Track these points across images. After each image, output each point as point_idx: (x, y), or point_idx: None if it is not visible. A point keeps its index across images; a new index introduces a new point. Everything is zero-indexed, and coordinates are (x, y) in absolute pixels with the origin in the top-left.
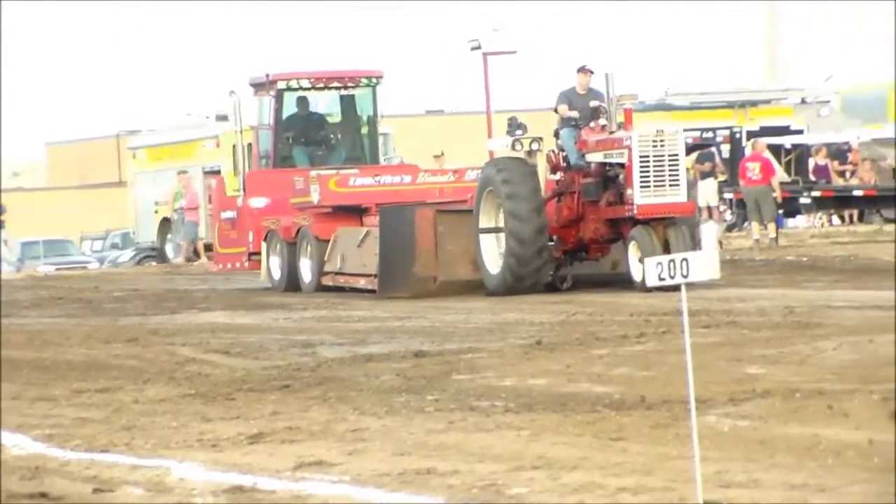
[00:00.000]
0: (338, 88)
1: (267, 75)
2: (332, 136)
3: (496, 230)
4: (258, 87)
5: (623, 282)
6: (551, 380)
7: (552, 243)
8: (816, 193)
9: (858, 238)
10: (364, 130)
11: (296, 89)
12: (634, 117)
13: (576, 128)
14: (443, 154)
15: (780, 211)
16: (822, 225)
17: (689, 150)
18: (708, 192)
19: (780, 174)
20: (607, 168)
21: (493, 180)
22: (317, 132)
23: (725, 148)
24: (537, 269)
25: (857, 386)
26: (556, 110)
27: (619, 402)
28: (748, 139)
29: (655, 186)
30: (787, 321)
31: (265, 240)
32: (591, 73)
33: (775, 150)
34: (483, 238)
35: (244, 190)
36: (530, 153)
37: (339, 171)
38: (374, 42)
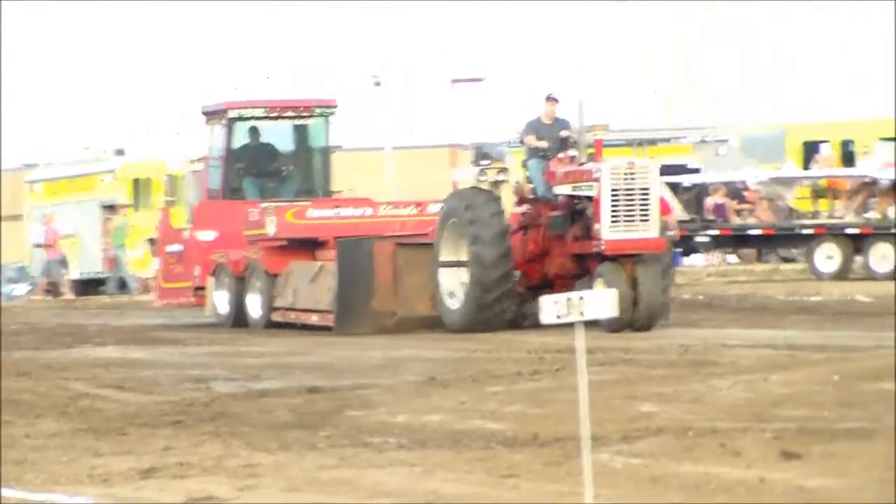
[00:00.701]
0: (291, 118)
1: (219, 104)
2: (283, 167)
3: (458, 264)
4: (210, 115)
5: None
6: (444, 416)
7: (516, 278)
8: (714, 232)
9: (755, 277)
10: (317, 162)
11: (248, 118)
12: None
13: (544, 158)
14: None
15: (678, 249)
16: (720, 263)
17: None
18: None
19: (678, 212)
20: (576, 201)
21: (457, 212)
22: (268, 163)
23: None
24: (501, 305)
25: (749, 424)
26: (522, 141)
27: (512, 439)
28: None
29: (625, 221)
30: (682, 359)
31: (212, 274)
32: (557, 101)
33: (673, 188)
34: (443, 272)
35: (191, 222)
36: (496, 184)
37: (294, 203)
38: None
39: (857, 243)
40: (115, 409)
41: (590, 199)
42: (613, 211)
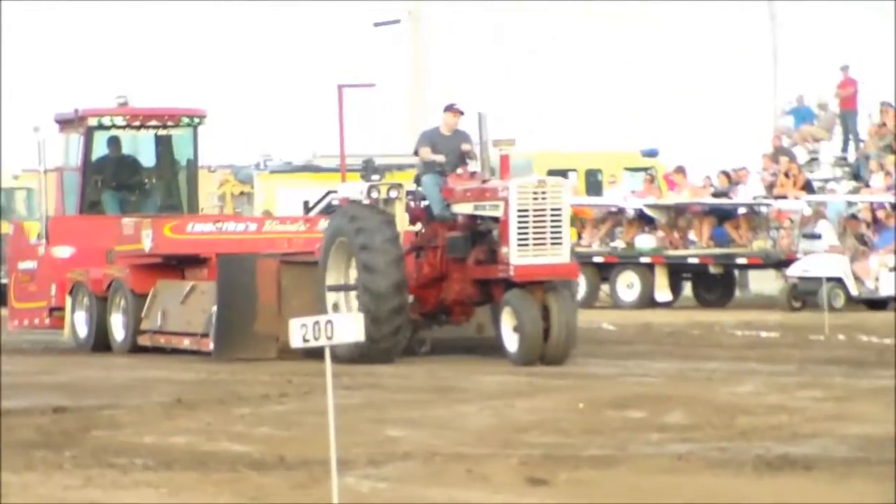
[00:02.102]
0: (155, 128)
1: (76, 111)
2: (146, 180)
3: (346, 287)
4: (64, 123)
5: (489, 348)
6: (191, 438)
7: (410, 303)
8: None
9: None
10: (182, 175)
11: (108, 127)
12: (283, 178)
13: (441, 174)
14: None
15: None
16: None
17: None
18: None
19: None
20: (478, 221)
21: (344, 230)
22: (129, 176)
23: None
24: (394, 332)
25: (496, 450)
26: (416, 153)
27: (259, 461)
28: None
29: (535, 245)
30: (429, 385)
31: (70, 293)
32: (461, 113)
33: None
34: (330, 297)
35: (46, 238)
36: (387, 201)
37: (177, 217)
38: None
39: (602, 272)
40: None
41: (495, 219)
42: (522, 233)
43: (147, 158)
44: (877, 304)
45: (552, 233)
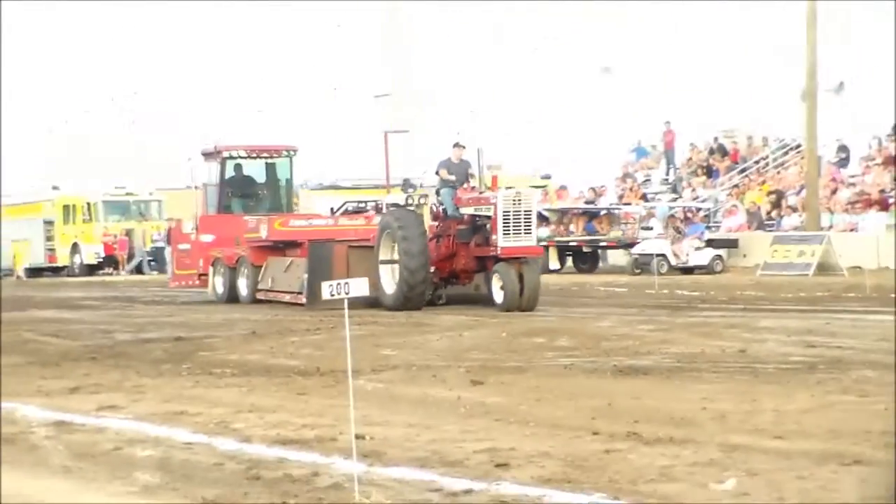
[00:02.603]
0: (265, 158)
1: (215, 147)
2: (259, 192)
3: (392, 262)
4: (207, 155)
5: (483, 298)
6: (260, 356)
7: (432, 272)
8: None
9: None
10: (282, 189)
11: (235, 157)
12: (318, 193)
13: (453, 188)
14: None
15: None
16: None
17: (351, 213)
18: None
19: None
20: (477, 219)
21: (390, 225)
22: (249, 189)
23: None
24: (421, 292)
25: (450, 363)
26: (437, 174)
27: (303, 370)
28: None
29: (514, 233)
30: (408, 322)
31: (212, 265)
32: (464, 147)
33: None
34: (382, 267)
35: (196, 229)
36: (418, 206)
37: (276, 216)
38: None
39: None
40: (54, 349)
41: (488, 217)
42: (505, 226)
43: (259, 177)
44: (687, 270)
45: (525, 226)
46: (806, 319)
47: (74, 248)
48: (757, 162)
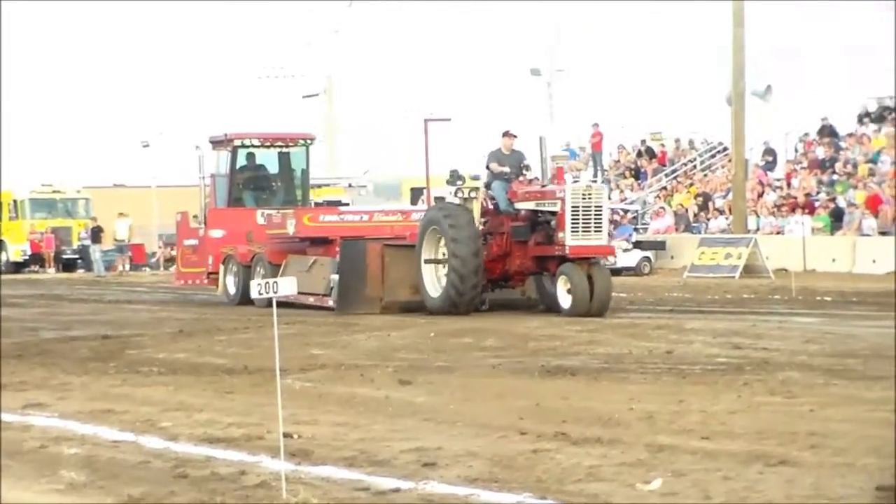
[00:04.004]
0: (279, 147)
1: (225, 135)
2: (273, 183)
3: (438, 261)
4: (216, 143)
5: (530, 306)
6: (189, 354)
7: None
8: None
9: None
10: (298, 180)
11: (248, 146)
12: None
13: (506, 181)
14: None
15: None
16: None
17: None
18: None
19: None
20: (538, 214)
21: (438, 221)
22: (262, 180)
23: None
24: (472, 296)
25: (378, 362)
26: (488, 167)
27: (231, 369)
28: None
29: (583, 231)
30: (337, 321)
31: (223, 263)
32: (515, 136)
33: None
34: (425, 267)
35: (205, 223)
36: (466, 200)
37: (311, 210)
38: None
39: None
40: None
41: (553, 213)
42: (573, 223)
43: (273, 168)
44: (615, 272)
45: (595, 223)
46: (732, 321)
47: (0, 246)
48: (684, 164)
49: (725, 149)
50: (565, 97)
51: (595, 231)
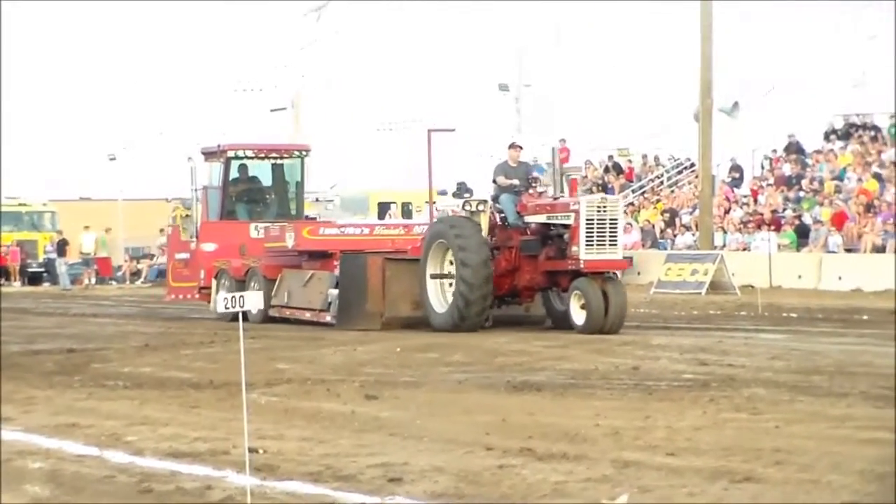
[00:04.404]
0: (274, 158)
1: (218, 146)
2: (267, 196)
3: (445, 276)
4: (209, 154)
5: (535, 323)
6: (154, 369)
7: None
8: None
9: None
10: (292, 192)
11: (241, 158)
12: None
13: (515, 194)
14: None
15: None
16: None
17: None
18: None
19: None
20: (550, 228)
21: (445, 234)
22: (255, 193)
23: None
24: (480, 312)
25: (344, 377)
26: (495, 181)
27: (196, 383)
28: None
29: (598, 245)
30: (303, 336)
31: (215, 277)
32: (521, 148)
33: None
34: (430, 282)
35: (197, 236)
36: (473, 213)
37: (311, 223)
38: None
39: None
40: None
41: (565, 226)
42: (588, 236)
43: (266, 180)
44: None
45: (610, 236)
46: (699, 337)
47: None
48: (651, 180)
49: (692, 165)
50: (533, 112)
51: (610, 245)
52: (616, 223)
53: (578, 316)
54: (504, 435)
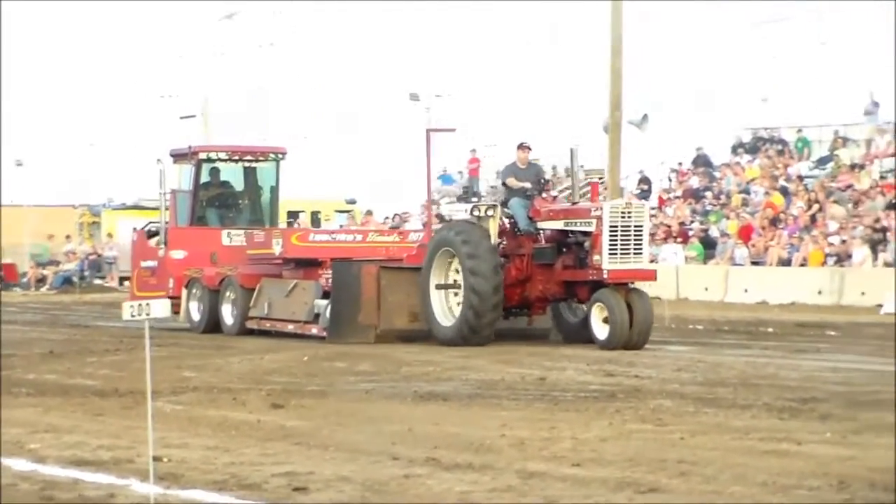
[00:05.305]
0: (249, 161)
1: (189, 147)
2: (240, 201)
3: (450, 286)
4: (178, 156)
5: (539, 336)
6: (59, 376)
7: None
8: None
9: None
10: (266, 198)
11: (214, 160)
12: (110, 215)
13: (527, 198)
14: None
15: None
16: None
17: (154, 234)
18: None
19: None
20: (568, 235)
21: (451, 241)
22: (227, 197)
23: None
24: (492, 319)
25: (251, 385)
26: (504, 183)
27: (101, 391)
28: None
29: (622, 254)
30: (211, 344)
31: (186, 286)
32: (530, 149)
33: None
34: (434, 293)
35: (165, 243)
36: (480, 218)
37: (301, 229)
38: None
39: None
40: None
41: (586, 233)
42: (612, 244)
43: (238, 184)
44: None
45: (635, 244)
46: (601, 349)
47: None
48: (561, 191)
49: (601, 177)
50: (444, 122)
51: (635, 253)
52: (641, 230)
53: (601, 330)
54: (410, 445)
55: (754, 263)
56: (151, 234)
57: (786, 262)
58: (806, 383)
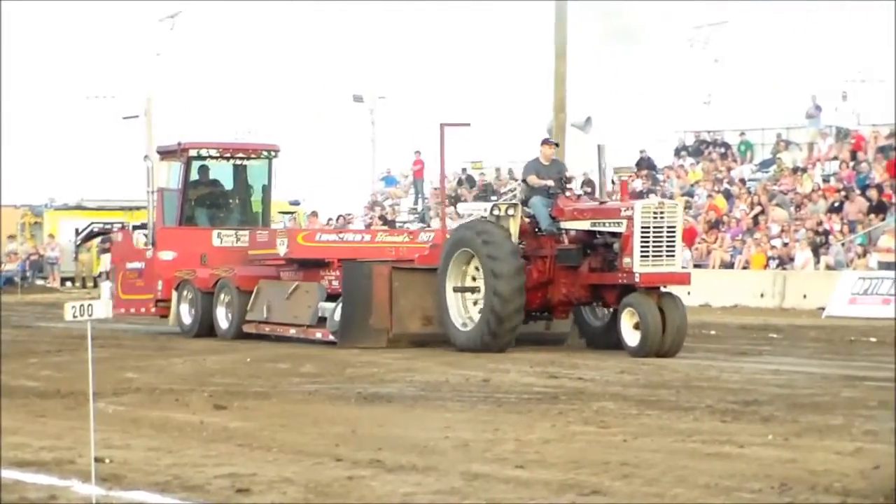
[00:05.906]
0: (240, 158)
1: (178, 143)
2: (229, 200)
3: (469, 289)
4: (166, 154)
5: (556, 341)
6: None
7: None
8: None
9: None
10: (258, 197)
11: (204, 158)
12: (52, 215)
13: (549, 197)
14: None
15: None
16: None
17: (96, 234)
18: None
19: None
20: (595, 236)
21: (471, 241)
22: (217, 196)
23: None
24: (514, 329)
25: (194, 386)
26: (524, 180)
27: (44, 392)
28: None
29: (654, 256)
30: (154, 345)
31: (176, 289)
32: (556, 145)
33: None
34: (451, 296)
35: (153, 244)
36: (499, 218)
37: (307, 229)
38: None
39: None
40: None
41: (615, 234)
42: (643, 246)
43: (227, 182)
44: None
45: (668, 246)
46: (549, 351)
47: None
48: (504, 193)
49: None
50: (388, 124)
51: (668, 256)
52: (674, 231)
53: (631, 336)
54: (354, 446)
55: (697, 266)
56: (92, 236)
57: (728, 265)
58: (748, 386)
